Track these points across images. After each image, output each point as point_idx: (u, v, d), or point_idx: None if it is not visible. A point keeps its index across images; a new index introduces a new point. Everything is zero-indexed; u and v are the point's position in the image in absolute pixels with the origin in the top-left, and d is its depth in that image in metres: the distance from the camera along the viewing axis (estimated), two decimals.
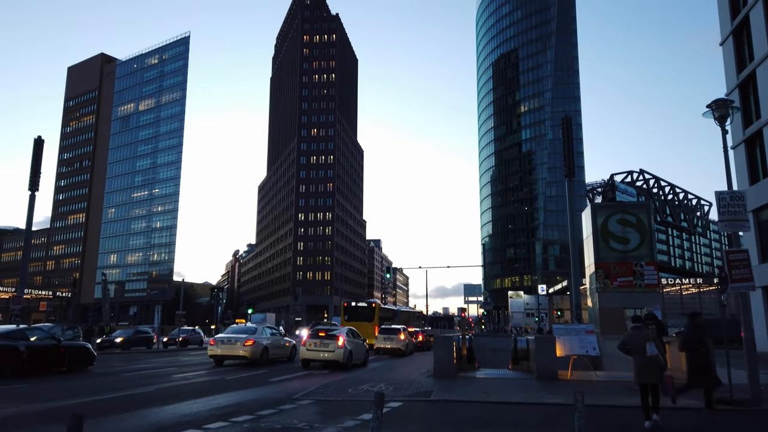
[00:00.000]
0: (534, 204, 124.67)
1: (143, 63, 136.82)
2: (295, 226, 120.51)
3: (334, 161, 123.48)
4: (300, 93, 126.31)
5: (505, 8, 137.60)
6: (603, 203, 35.52)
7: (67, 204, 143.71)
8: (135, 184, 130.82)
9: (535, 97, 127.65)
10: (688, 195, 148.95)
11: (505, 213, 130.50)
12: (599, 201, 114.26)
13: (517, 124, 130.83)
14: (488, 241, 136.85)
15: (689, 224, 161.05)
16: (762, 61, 30.50)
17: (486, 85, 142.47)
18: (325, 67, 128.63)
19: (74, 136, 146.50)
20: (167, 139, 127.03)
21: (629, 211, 22.15)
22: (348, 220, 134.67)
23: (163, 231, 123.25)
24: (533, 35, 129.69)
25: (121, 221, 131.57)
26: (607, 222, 22.24)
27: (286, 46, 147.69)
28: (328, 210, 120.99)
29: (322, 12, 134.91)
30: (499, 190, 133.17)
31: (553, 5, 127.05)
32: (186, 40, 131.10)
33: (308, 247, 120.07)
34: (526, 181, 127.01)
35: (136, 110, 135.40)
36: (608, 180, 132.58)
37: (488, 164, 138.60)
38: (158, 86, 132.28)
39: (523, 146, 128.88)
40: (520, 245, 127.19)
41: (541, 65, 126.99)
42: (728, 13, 34.44)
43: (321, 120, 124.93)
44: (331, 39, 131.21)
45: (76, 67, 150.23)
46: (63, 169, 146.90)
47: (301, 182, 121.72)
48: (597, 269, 20.37)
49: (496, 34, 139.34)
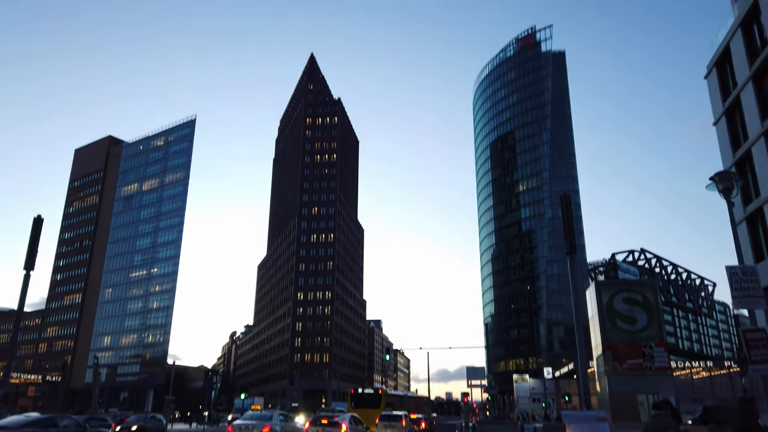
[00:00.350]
0: (536, 283, 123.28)
1: (149, 145, 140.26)
2: (293, 306, 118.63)
3: (334, 239, 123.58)
4: (302, 172, 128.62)
5: (500, 93, 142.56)
6: (607, 281, 34.83)
7: (65, 284, 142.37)
8: (134, 263, 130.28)
9: (533, 176, 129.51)
10: (691, 275, 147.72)
11: (507, 292, 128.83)
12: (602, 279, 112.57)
13: (516, 203, 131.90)
14: (491, 321, 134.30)
15: (694, 305, 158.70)
16: (756, 140, 30.77)
17: (484, 165, 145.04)
18: (326, 147, 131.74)
19: (76, 216, 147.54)
20: (168, 218, 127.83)
21: (635, 289, 21.43)
22: (348, 300, 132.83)
23: (160, 312, 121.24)
24: (529, 118, 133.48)
25: (118, 302, 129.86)
26: (613, 300, 21.47)
27: (289, 128, 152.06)
28: (327, 289, 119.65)
29: (325, 96, 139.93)
30: (500, 269, 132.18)
31: (547, 90, 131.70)
32: (192, 123, 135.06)
33: (307, 328, 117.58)
34: (527, 259, 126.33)
35: (139, 190, 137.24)
36: (609, 259, 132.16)
37: (488, 242, 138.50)
38: (162, 167, 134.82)
39: (523, 225, 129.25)
40: (523, 326, 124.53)
41: (537, 146, 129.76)
42: (719, 94, 35.24)
43: (322, 199, 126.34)
44: (333, 121, 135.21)
45: (83, 149, 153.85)
46: (63, 249, 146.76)
47: (301, 260, 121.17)
48: (604, 350, 19.40)
49: (493, 117, 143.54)
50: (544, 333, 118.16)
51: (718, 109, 35.19)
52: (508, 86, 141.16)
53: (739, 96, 32.80)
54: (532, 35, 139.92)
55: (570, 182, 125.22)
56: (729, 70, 34.22)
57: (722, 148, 34.67)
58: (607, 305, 21.33)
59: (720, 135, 35.23)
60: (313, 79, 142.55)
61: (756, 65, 30.25)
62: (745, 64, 31.61)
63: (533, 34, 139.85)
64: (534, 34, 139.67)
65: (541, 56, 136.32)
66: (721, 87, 34.85)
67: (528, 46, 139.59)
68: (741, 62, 32.18)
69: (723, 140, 34.66)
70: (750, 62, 31.13)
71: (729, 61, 33.98)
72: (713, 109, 36.15)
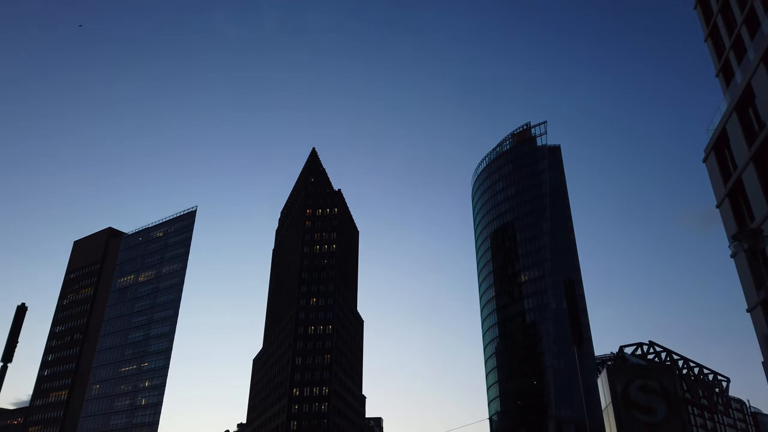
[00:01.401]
0: (543, 378, 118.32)
1: (149, 236, 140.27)
2: (288, 403, 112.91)
3: (332, 331, 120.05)
4: (301, 263, 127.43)
5: (498, 185, 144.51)
6: (621, 365, 32.66)
7: (51, 380, 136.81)
8: (124, 357, 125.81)
9: (535, 266, 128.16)
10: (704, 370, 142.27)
11: (513, 388, 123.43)
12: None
13: (518, 293, 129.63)
14: (497, 419, 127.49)
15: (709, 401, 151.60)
16: (764, 221, 29.91)
17: (485, 255, 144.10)
18: (326, 238, 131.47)
19: (70, 309, 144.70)
20: (163, 310, 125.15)
21: (652, 376, 19.60)
22: (346, 396, 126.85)
23: (147, 409, 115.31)
24: (527, 209, 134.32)
25: (105, 398, 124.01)
26: (628, 389, 19.59)
27: (289, 219, 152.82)
28: (324, 384, 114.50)
29: (325, 189, 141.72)
30: (505, 363, 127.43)
31: (544, 182, 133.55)
32: (192, 214, 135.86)
33: (302, 426, 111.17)
34: (533, 353, 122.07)
35: (135, 281, 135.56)
36: (618, 352, 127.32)
37: (492, 335, 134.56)
38: (160, 258, 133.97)
39: (527, 316, 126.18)
40: (531, 425, 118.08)
41: (537, 236, 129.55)
42: (719, 177, 34.87)
43: (320, 289, 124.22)
44: (333, 212, 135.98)
45: (82, 241, 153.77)
46: (53, 343, 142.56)
47: (298, 353, 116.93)
48: None
49: (492, 208, 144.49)
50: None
51: (720, 191, 34.68)
52: (505, 179, 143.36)
53: (740, 177, 32.35)
54: (527, 131, 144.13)
55: (572, 272, 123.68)
56: (728, 152, 34.08)
57: (728, 229, 33.78)
58: (623, 395, 19.36)
59: (724, 217, 34.47)
60: (314, 172, 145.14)
61: (755, 146, 30.04)
62: (743, 146, 31.44)
63: (528, 130, 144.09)
64: (529, 130, 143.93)
65: (536, 150, 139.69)
66: (720, 169, 34.55)
67: (524, 140, 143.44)
68: (739, 144, 32.05)
69: (728, 222, 33.84)
70: (749, 144, 30.98)
71: (727, 144, 33.91)
72: (715, 192, 35.64)
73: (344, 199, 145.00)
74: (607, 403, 19.52)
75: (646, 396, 19.32)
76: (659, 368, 24.74)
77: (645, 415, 18.87)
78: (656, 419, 18.78)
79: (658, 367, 27.02)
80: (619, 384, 19.34)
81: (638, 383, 19.51)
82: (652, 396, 19.31)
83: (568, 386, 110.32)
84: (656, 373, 20.26)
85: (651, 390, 19.40)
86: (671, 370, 20.70)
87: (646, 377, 19.88)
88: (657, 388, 19.38)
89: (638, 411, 18.93)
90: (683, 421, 18.87)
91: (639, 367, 23.28)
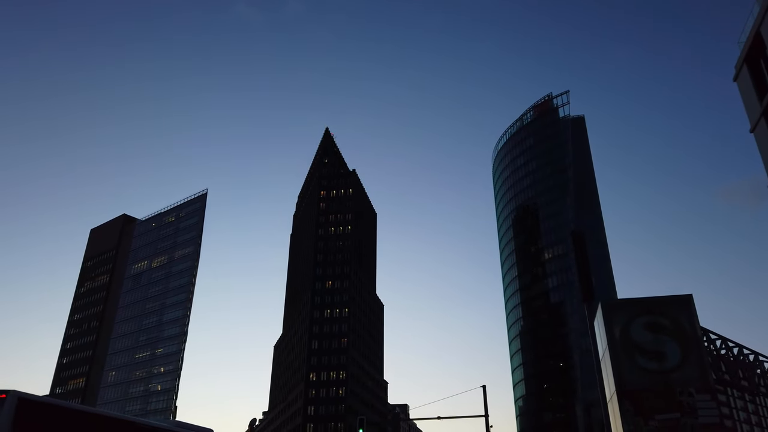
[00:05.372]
0: (569, 359, 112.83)
1: (161, 221, 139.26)
2: (305, 388, 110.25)
3: (349, 314, 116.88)
4: (315, 245, 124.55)
5: (520, 160, 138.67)
6: (620, 300, 27.29)
7: (70, 368, 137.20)
8: (139, 343, 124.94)
9: (559, 243, 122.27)
10: (743, 350, 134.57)
11: (539, 370, 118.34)
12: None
13: (542, 271, 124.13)
14: (522, 403, 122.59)
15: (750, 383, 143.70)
16: None
17: (507, 234, 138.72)
18: (341, 219, 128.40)
19: (87, 297, 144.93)
20: (175, 294, 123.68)
21: (661, 310, 14.59)
22: (366, 381, 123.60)
23: (162, 395, 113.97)
24: (550, 183, 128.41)
25: (120, 385, 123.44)
26: (629, 328, 14.75)
27: (305, 202, 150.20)
28: (342, 368, 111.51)
29: (339, 169, 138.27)
30: (529, 344, 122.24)
31: (567, 155, 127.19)
32: (203, 198, 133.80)
33: (319, 412, 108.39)
34: (558, 333, 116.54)
35: (148, 267, 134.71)
36: None
37: (515, 316, 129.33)
38: (172, 242, 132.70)
39: (551, 295, 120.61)
40: (558, 408, 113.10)
41: (561, 212, 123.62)
42: (754, 94, 29.36)
43: (336, 272, 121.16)
44: (347, 193, 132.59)
45: (98, 229, 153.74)
46: (72, 331, 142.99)
47: (314, 338, 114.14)
48: (621, 400, 12.42)
49: (513, 184, 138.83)
50: (582, 414, 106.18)
51: (755, 111, 29.20)
52: (526, 153, 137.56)
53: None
54: (548, 102, 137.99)
55: (599, 248, 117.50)
56: (763, 63, 28.52)
57: (763, 153, 28.29)
58: (622, 336, 14.48)
59: (759, 141, 29.00)
60: (328, 153, 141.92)
61: None
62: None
63: (549, 101, 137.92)
64: (550, 101, 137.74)
65: (559, 122, 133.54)
66: (755, 84, 29.05)
67: (545, 112, 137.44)
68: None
69: (764, 146, 28.37)
70: None
71: (762, 52, 28.36)
72: (748, 114, 30.16)
73: (359, 179, 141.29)
74: (604, 349, 14.62)
75: (653, 335, 14.57)
76: (670, 300, 18.64)
77: (652, 360, 14.05)
78: (667, 365, 14.12)
79: (668, 299, 20.25)
80: (618, 323, 14.36)
81: (642, 320, 14.77)
82: (661, 335, 14.57)
83: (595, 367, 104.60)
84: (666, 306, 15.18)
85: (660, 328, 14.69)
86: (686, 299, 15.53)
87: (653, 312, 14.87)
88: (667, 326, 14.39)
89: (643, 356, 14.12)
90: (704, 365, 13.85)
91: (643, 300, 17.75)
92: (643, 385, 12.76)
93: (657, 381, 13.13)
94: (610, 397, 14.02)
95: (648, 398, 12.98)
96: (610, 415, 14.36)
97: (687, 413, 12.63)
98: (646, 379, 13.17)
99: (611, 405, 13.85)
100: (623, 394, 12.69)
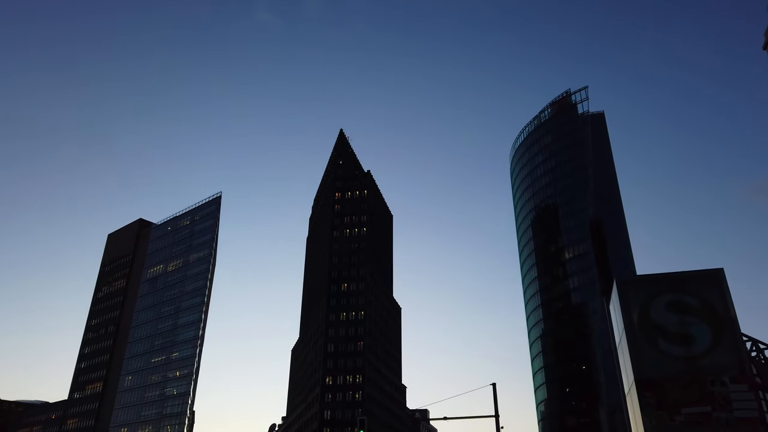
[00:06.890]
0: (592, 361, 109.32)
1: (176, 225, 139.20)
2: (321, 392, 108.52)
3: (365, 317, 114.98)
4: (330, 247, 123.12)
5: (538, 158, 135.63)
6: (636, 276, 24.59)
7: (88, 373, 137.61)
8: (154, 347, 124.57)
9: (579, 242, 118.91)
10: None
11: (561, 373, 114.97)
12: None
13: (562, 272, 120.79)
14: (544, 407, 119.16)
15: None
16: None
17: (526, 233, 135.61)
18: (356, 221, 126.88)
19: (104, 302, 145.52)
20: (190, 298, 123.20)
21: (686, 288, 12.42)
22: (383, 385, 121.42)
23: (177, 399, 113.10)
24: (570, 181, 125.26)
25: (137, 389, 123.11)
26: (649, 309, 12.49)
27: (320, 205, 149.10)
28: (358, 372, 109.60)
29: (354, 170, 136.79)
30: (550, 347, 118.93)
31: (586, 152, 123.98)
32: (217, 200, 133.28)
33: (335, 417, 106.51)
34: (580, 334, 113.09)
35: (164, 271, 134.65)
36: None
37: (536, 317, 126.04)
38: (187, 246, 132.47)
39: (572, 296, 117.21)
40: (581, 412, 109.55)
41: (581, 210, 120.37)
42: None
43: (351, 274, 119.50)
44: (362, 194, 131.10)
45: (115, 234, 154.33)
46: (89, 336, 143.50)
47: (329, 341, 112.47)
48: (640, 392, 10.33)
49: (532, 183, 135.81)
50: (605, 419, 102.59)
51: None
52: (544, 151, 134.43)
53: None
54: (567, 98, 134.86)
55: (620, 247, 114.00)
56: None
57: None
58: (641, 317, 12.10)
59: None
60: (342, 154, 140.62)
61: None
62: None
63: (567, 97, 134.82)
64: (569, 97, 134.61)
65: (578, 118, 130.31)
66: None
67: (563, 108, 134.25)
68: None
69: None
70: None
71: None
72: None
73: (374, 180, 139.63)
74: (620, 334, 12.41)
75: (678, 316, 12.21)
76: (697, 275, 15.86)
77: (676, 344, 11.74)
78: (695, 350, 11.80)
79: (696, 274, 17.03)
80: (636, 302, 12.14)
81: (665, 299, 12.49)
82: (687, 316, 12.17)
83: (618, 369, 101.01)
84: (693, 284, 12.95)
85: (685, 307, 12.35)
86: (717, 276, 13.25)
87: (677, 290, 12.57)
88: (694, 305, 12.10)
89: (666, 339, 11.84)
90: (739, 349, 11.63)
91: (665, 276, 15.17)
92: (667, 374, 10.59)
93: (683, 369, 10.93)
94: (629, 388, 11.93)
95: (673, 389, 10.84)
96: (629, 409, 12.25)
97: (719, 406, 10.44)
98: (670, 367, 10.99)
99: (630, 398, 11.79)
100: (643, 384, 10.59)
